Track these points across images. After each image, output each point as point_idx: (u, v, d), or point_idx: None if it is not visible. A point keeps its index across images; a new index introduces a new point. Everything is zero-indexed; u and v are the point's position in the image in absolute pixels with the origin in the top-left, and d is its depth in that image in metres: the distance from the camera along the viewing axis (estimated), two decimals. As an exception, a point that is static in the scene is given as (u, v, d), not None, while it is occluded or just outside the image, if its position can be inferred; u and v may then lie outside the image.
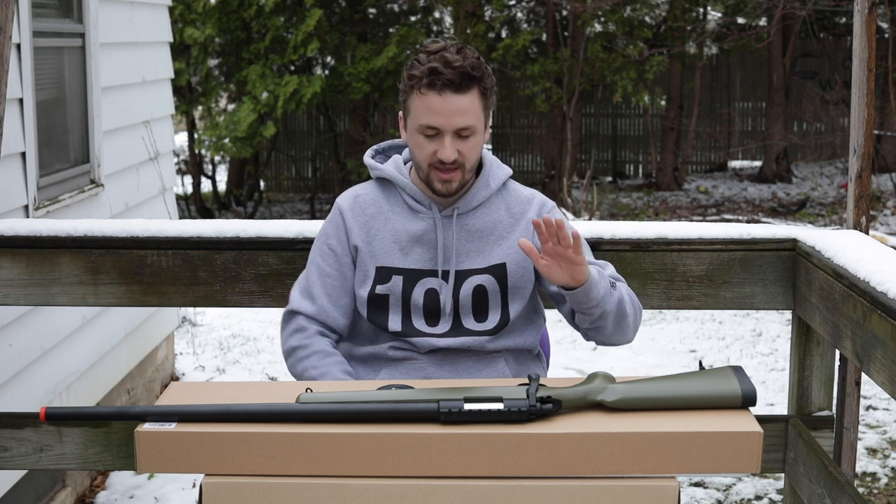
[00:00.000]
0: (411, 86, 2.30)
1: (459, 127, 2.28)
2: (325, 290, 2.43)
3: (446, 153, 2.28)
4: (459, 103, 2.27)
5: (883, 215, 11.81)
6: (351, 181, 12.28)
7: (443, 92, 2.26)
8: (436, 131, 2.29)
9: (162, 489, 4.52)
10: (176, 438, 1.93)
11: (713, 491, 4.67)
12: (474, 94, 2.29)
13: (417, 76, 2.28)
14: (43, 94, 4.40)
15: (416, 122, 2.31)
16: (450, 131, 2.28)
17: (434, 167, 2.32)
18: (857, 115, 2.77)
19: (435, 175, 2.33)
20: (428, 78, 2.26)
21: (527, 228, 2.42)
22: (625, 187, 14.86)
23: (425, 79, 2.27)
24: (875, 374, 2.23)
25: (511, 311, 2.41)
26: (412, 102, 2.32)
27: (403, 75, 2.33)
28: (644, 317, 7.71)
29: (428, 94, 2.27)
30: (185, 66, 11.93)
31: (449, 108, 2.27)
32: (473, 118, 2.29)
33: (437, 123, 2.27)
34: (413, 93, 2.31)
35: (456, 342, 2.39)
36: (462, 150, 2.30)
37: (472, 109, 2.29)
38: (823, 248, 2.60)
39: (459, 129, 2.28)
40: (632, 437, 1.91)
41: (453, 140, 2.29)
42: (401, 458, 1.91)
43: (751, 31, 13.10)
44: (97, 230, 2.84)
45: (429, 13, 13.67)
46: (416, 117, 2.31)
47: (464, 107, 2.27)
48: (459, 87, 2.26)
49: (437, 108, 2.27)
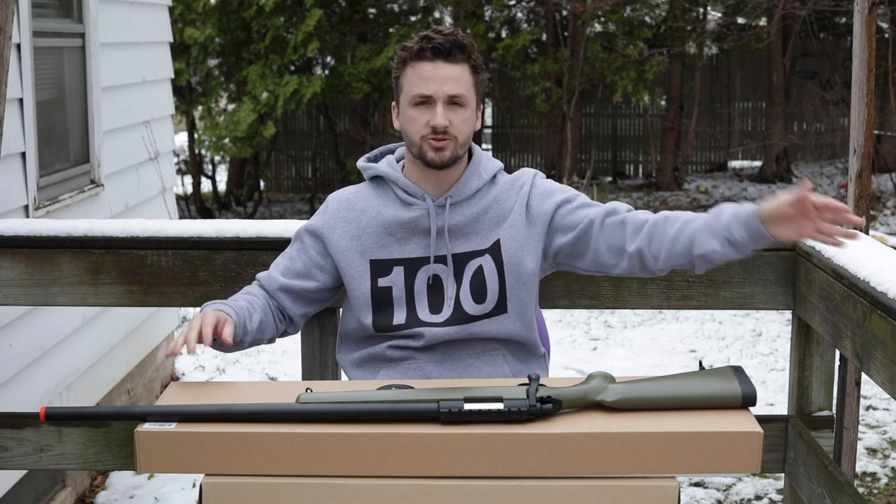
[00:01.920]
0: (403, 60, 2.38)
1: (451, 94, 2.34)
2: (282, 269, 2.48)
3: (438, 119, 2.33)
4: (450, 71, 2.34)
5: (883, 215, 11.81)
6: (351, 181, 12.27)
7: (434, 59, 2.34)
8: (428, 99, 2.34)
9: (162, 489, 4.52)
10: (176, 438, 1.93)
11: (713, 491, 4.67)
12: (464, 66, 2.36)
13: (409, 47, 2.37)
14: (43, 94, 4.40)
15: (409, 94, 2.36)
16: (441, 98, 2.34)
17: (426, 139, 2.36)
18: (857, 115, 2.77)
19: (427, 145, 2.36)
20: (418, 45, 2.35)
21: (518, 203, 2.44)
22: (625, 187, 14.86)
23: (416, 47, 2.35)
24: (875, 374, 2.24)
25: (508, 290, 2.41)
26: (405, 77, 2.38)
27: (396, 54, 2.41)
28: (644, 317, 7.71)
29: (419, 64, 2.35)
30: (185, 66, 11.92)
31: (440, 74, 2.33)
32: (464, 88, 2.35)
33: (430, 91, 2.33)
34: (405, 68, 2.38)
35: (456, 331, 2.39)
36: (453, 120, 2.35)
37: (462, 79, 2.36)
38: (823, 248, 2.60)
39: (451, 96, 2.34)
40: (632, 437, 1.91)
41: (445, 109, 2.34)
42: (401, 458, 1.91)
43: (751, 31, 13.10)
44: (97, 230, 2.84)
45: (429, 13, 13.67)
46: (408, 90, 2.37)
47: (454, 75, 2.35)
48: (449, 54, 2.34)
49: (429, 75, 2.33)
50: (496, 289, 2.41)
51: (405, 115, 2.39)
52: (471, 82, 2.37)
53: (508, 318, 2.43)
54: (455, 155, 2.38)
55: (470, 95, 2.37)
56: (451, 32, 2.36)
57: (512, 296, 2.42)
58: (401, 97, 2.40)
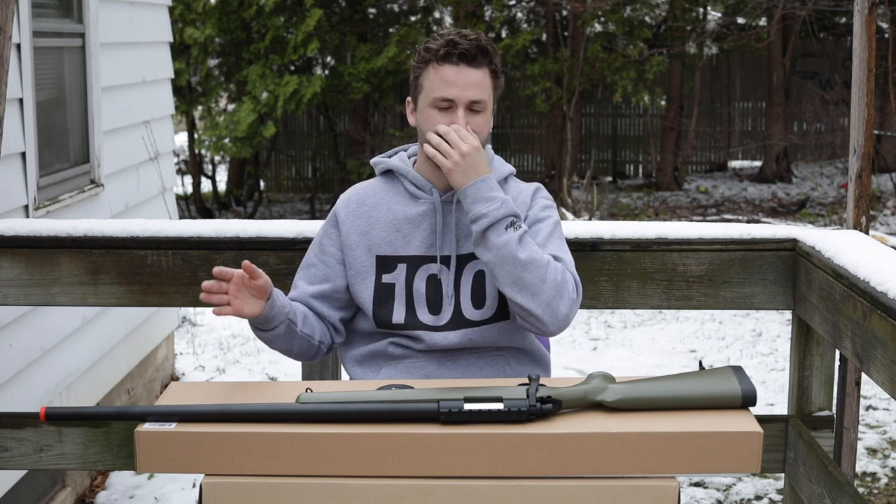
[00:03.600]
0: (427, 59, 2.37)
1: (472, 100, 2.34)
2: (307, 279, 2.48)
3: (460, 124, 2.33)
4: (474, 76, 2.34)
5: (883, 215, 11.81)
6: (351, 181, 12.28)
7: (458, 64, 2.34)
8: (449, 104, 2.35)
9: (162, 489, 4.52)
10: (176, 438, 1.93)
11: (713, 491, 4.67)
12: (486, 71, 2.37)
13: (434, 48, 2.36)
14: (43, 94, 4.40)
15: (431, 95, 2.36)
16: (463, 103, 2.34)
17: None
18: (857, 115, 2.77)
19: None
20: (445, 49, 2.34)
21: (523, 211, 2.44)
22: (625, 187, 14.86)
23: (442, 50, 2.34)
24: (875, 374, 2.23)
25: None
26: (426, 77, 2.37)
27: (419, 53, 2.39)
28: (644, 317, 7.71)
29: (443, 66, 2.34)
30: (185, 66, 11.93)
31: (464, 79, 2.34)
32: (485, 94, 2.36)
33: (452, 95, 2.33)
34: (428, 67, 2.37)
35: (456, 338, 2.39)
36: (472, 124, 2.35)
37: (483, 85, 2.36)
38: (823, 248, 2.60)
39: (472, 101, 2.35)
40: (632, 437, 1.91)
41: (465, 114, 2.35)
42: (401, 458, 1.91)
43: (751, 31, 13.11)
44: (97, 230, 2.84)
45: (429, 13, 13.67)
46: (430, 91, 2.36)
47: (477, 80, 2.35)
48: (474, 59, 2.34)
49: (453, 79, 2.33)
50: (496, 293, 2.40)
51: (424, 114, 2.38)
52: (490, 87, 2.38)
53: (511, 324, 2.43)
54: None
55: (489, 100, 2.38)
56: (475, 37, 2.36)
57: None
58: (420, 96, 2.40)
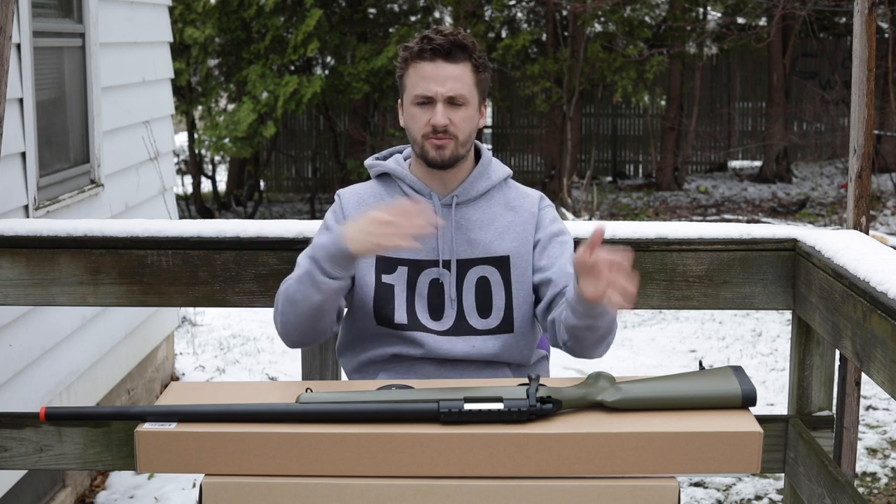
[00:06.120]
0: (406, 59, 2.39)
1: (450, 94, 2.35)
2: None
3: (438, 118, 2.34)
4: (450, 71, 2.35)
5: (883, 215, 11.81)
6: (351, 181, 12.27)
7: (434, 59, 2.35)
8: (428, 100, 2.35)
9: (162, 489, 4.52)
10: (176, 438, 1.93)
11: (713, 491, 4.67)
12: (465, 66, 2.37)
13: (411, 47, 2.38)
14: (43, 94, 4.40)
15: (411, 94, 2.38)
16: (441, 99, 2.35)
17: (427, 138, 2.37)
18: (857, 115, 2.77)
19: (429, 144, 2.37)
20: (419, 45, 2.36)
21: (528, 221, 2.44)
22: (625, 187, 14.86)
23: (416, 47, 2.36)
24: (875, 374, 2.23)
25: (515, 308, 2.41)
26: (407, 77, 2.39)
27: (399, 55, 2.42)
28: (644, 317, 7.71)
29: (420, 64, 2.36)
30: (185, 66, 11.93)
31: (440, 74, 2.34)
32: (464, 88, 2.36)
33: (430, 91, 2.34)
34: (408, 68, 2.39)
35: (460, 345, 2.38)
36: (454, 119, 2.35)
37: (462, 79, 2.36)
38: (823, 248, 2.60)
39: (450, 96, 2.35)
40: (632, 437, 1.91)
41: (445, 108, 2.35)
42: (401, 458, 1.91)
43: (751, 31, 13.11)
44: (97, 230, 2.84)
45: (429, 13, 13.67)
46: (410, 90, 2.38)
47: (454, 74, 2.35)
48: (449, 54, 2.35)
49: (429, 74, 2.35)
50: (502, 305, 2.40)
51: (408, 114, 2.41)
52: (472, 81, 2.38)
53: (513, 337, 2.43)
54: (456, 154, 2.38)
55: (471, 94, 2.38)
56: (451, 32, 2.37)
57: (519, 314, 2.42)
58: (404, 96, 2.42)
